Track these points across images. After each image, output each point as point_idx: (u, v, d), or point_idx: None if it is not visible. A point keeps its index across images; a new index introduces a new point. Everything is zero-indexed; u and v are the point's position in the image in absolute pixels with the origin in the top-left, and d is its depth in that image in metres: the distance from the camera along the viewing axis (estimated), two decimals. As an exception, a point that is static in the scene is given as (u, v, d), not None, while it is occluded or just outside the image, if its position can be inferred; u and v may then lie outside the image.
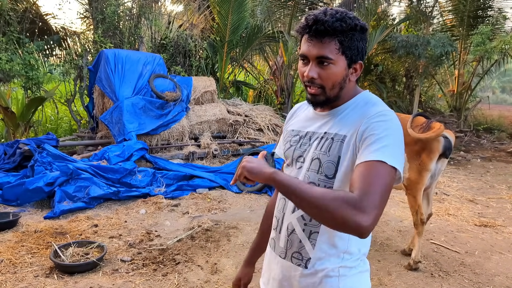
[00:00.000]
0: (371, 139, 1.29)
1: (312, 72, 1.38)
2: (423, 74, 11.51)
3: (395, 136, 1.30)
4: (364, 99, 1.45)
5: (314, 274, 1.46)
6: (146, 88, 8.44)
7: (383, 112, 1.35)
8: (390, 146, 1.27)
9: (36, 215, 5.29)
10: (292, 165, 1.58)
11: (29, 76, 8.86)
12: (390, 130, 1.30)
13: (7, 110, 8.37)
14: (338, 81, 1.39)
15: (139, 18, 10.85)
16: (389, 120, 1.33)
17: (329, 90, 1.40)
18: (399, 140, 1.31)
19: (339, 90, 1.42)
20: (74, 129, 10.69)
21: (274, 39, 11.95)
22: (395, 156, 1.26)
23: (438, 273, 3.94)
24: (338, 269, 1.43)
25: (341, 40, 1.35)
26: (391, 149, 1.27)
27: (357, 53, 1.39)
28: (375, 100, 1.44)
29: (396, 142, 1.30)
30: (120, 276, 3.70)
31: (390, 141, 1.28)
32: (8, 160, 6.72)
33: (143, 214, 5.40)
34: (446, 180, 7.79)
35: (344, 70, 1.39)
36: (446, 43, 10.03)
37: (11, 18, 8.96)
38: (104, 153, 6.77)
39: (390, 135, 1.29)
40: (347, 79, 1.41)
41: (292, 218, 1.51)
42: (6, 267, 3.78)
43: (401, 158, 1.28)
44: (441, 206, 6.09)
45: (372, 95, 1.48)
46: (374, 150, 1.26)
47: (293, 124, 1.65)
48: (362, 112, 1.39)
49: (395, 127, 1.32)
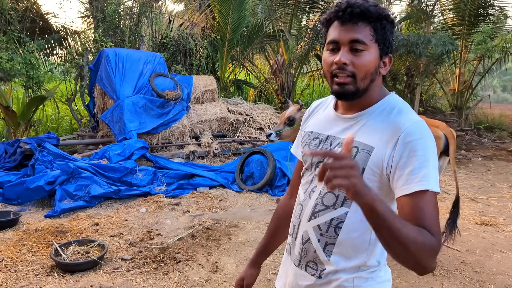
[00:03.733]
0: (415, 162, 1.20)
1: (344, 57, 1.26)
2: (424, 73, 11.49)
3: (434, 155, 1.23)
4: (392, 103, 1.34)
5: (327, 284, 1.39)
6: (146, 87, 8.44)
7: (419, 126, 1.25)
8: (433, 170, 1.20)
9: (37, 214, 5.29)
10: (311, 170, 1.48)
11: (30, 75, 8.87)
12: (430, 150, 1.22)
13: (8, 109, 8.37)
14: (371, 71, 1.29)
15: (140, 17, 10.85)
16: (427, 137, 1.23)
17: (360, 80, 1.28)
18: (435, 157, 1.23)
19: (370, 82, 1.31)
20: (75, 128, 10.70)
21: (274, 38, 11.94)
22: (436, 180, 1.20)
23: (439, 271, 3.93)
24: (353, 279, 1.36)
25: (375, 27, 1.27)
26: (433, 173, 1.19)
27: (389, 45, 1.31)
28: (402, 106, 1.34)
29: (435, 161, 1.22)
30: (120, 275, 3.70)
31: (431, 163, 1.20)
32: (9, 159, 6.73)
33: (143, 213, 5.40)
34: (447, 178, 7.78)
35: (377, 59, 1.29)
36: (447, 41, 10.01)
37: (12, 17, 8.97)
38: (105, 152, 6.77)
39: (431, 157, 1.21)
40: (378, 71, 1.32)
41: (308, 226, 1.42)
42: (7, 266, 3.78)
43: (435, 173, 1.21)
44: (442, 205, 6.08)
45: (399, 98, 1.38)
46: (422, 178, 1.18)
47: (312, 124, 1.53)
48: (393, 122, 1.28)
49: (432, 143, 1.24)
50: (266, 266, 3.93)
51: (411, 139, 1.21)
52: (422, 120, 1.28)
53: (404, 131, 1.23)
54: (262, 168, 6.72)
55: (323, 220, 1.37)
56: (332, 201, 1.36)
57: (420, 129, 1.24)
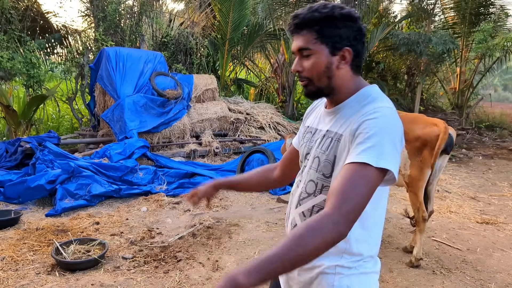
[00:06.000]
0: (360, 139, 1.26)
1: (296, 66, 1.42)
2: (425, 72, 11.49)
3: (386, 133, 1.25)
4: (364, 94, 1.41)
5: (311, 269, 1.44)
6: (147, 86, 8.44)
7: (377, 109, 1.30)
8: (378, 146, 1.23)
9: (38, 212, 5.29)
10: (302, 162, 1.59)
11: (31, 74, 8.87)
12: (380, 127, 1.25)
13: (9, 108, 8.38)
14: (322, 70, 1.38)
15: (140, 16, 10.85)
16: (381, 117, 1.27)
17: (317, 81, 1.40)
18: (390, 137, 1.25)
19: (328, 79, 1.40)
20: (76, 127, 10.71)
21: (275, 36, 11.94)
22: (383, 156, 1.22)
23: (439, 270, 3.93)
24: (335, 267, 1.40)
25: (319, 30, 1.35)
26: (379, 149, 1.22)
27: (340, 40, 1.36)
28: (375, 95, 1.39)
29: (386, 140, 1.24)
30: (121, 273, 3.70)
31: (379, 140, 1.23)
32: (10, 158, 6.73)
33: (144, 212, 5.40)
34: (448, 177, 7.78)
35: (326, 58, 1.37)
36: (447, 40, 10.00)
37: (12, 17, 8.97)
38: (106, 151, 6.77)
39: (379, 133, 1.24)
40: (333, 67, 1.38)
41: (295, 213, 1.52)
42: (8, 265, 3.79)
43: (391, 157, 1.23)
44: (443, 204, 6.08)
45: (374, 89, 1.43)
46: (360, 151, 1.23)
47: (309, 120, 1.65)
48: (358, 110, 1.36)
49: (386, 123, 1.27)
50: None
51: (365, 119, 1.29)
52: (387, 106, 1.33)
53: (363, 113, 1.31)
54: (263, 167, 6.72)
55: (306, 207, 1.47)
56: (313, 189, 1.46)
57: (378, 111, 1.29)
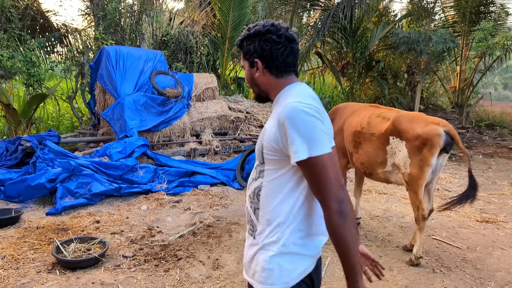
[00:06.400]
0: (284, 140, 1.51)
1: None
2: (425, 71, 11.47)
3: (288, 126, 1.48)
4: (286, 93, 1.63)
5: (255, 245, 1.66)
6: (147, 85, 8.44)
7: (288, 108, 1.50)
8: (299, 142, 1.46)
9: (38, 211, 5.30)
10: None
11: (31, 73, 8.87)
12: (295, 126, 1.47)
13: (9, 107, 8.37)
14: (248, 80, 1.74)
15: (140, 15, 10.85)
16: (292, 116, 1.48)
17: (253, 89, 1.77)
18: (294, 126, 1.47)
19: (256, 86, 1.73)
20: (76, 126, 10.71)
21: (275, 35, 11.91)
22: (304, 146, 1.45)
23: (439, 268, 3.94)
24: (270, 244, 1.60)
25: (241, 51, 1.72)
26: (296, 142, 1.46)
27: (251, 54, 1.67)
28: (288, 94, 1.62)
29: (292, 130, 1.47)
30: (122, 272, 3.71)
31: (298, 137, 1.46)
32: (10, 157, 6.73)
33: (144, 211, 5.41)
34: (448, 176, 7.78)
35: (248, 71, 1.72)
36: (448, 39, 9.99)
37: (13, 15, 8.96)
38: (106, 149, 6.77)
39: (297, 131, 1.46)
40: (254, 77, 1.70)
41: (246, 196, 1.77)
42: (8, 263, 3.79)
43: (302, 140, 1.46)
44: (443, 202, 6.07)
45: (292, 87, 1.65)
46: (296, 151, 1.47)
47: None
48: (276, 108, 1.61)
49: (287, 117, 1.49)
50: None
51: (282, 121, 1.50)
52: (294, 101, 1.52)
53: (279, 114, 1.53)
54: (263, 165, 6.72)
55: (251, 190, 1.71)
56: (255, 175, 1.71)
57: (288, 111, 1.50)
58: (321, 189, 1.45)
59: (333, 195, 1.43)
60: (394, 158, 4.09)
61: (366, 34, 11.90)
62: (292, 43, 1.67)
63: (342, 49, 12.94)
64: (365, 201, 6.01)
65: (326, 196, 1.44)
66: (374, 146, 4.26)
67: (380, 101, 11.63)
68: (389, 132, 4.11)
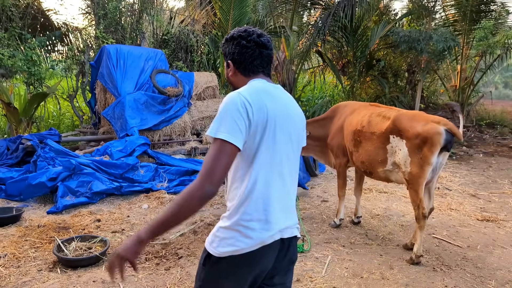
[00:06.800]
0: None
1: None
2: (425, 69, 11.46)
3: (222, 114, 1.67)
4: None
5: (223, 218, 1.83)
6: (148, 84, 8.44)
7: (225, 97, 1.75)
8: (214, 123, 1.67)
9: (39, 210, 5.31)
10: None
11: (31, 72, 8.87)
12: (221, 107, 1.70)
13: (10, 106, 8.38)
14: (226, 77, 1.98)
15: (141, 13, 10.85)
16: (224, 100, 1.72)
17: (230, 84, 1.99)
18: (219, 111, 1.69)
19: (231, 83, 1.98)
20: (77, 124, 10.71)
21: (276, 34, 11.92)
22: (212, 126, 1.67)
23: (440, 267, 3.95)
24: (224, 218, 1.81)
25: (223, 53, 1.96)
26: (214, 125, 1.66)
27: (226, 56, 1.93)
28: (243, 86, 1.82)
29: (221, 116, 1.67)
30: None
31: (216, 119, 1.68)
32: (11, 156, 6.74)
33: (145, 209, 5.42)
34: (448, 175, 7.79)
35: (226, 69, 1.97)
36: (448, 38, 9.98)
37: (13, 14, 8.97)
38: (107, 148, 6.78)
39: (219, 112, 1.69)
40: (229, 76, 1.95)
41: None
42: (10, 261, 3.80)
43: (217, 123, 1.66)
44: (443, 201, 6.09)
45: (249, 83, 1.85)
46: (210, 127, 1.69)
47: None
48: None
49: (223, 103, 1.71)
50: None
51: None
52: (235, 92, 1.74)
53: None
54: (264, 164, 6.72)
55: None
56: None
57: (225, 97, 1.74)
58: (205, 166, 1.60)
59: (208, 176, 1.58)
60: (394, 156, 4.09)
61: (367, 33, 11.90)
62: (261, 48, 1.87)
63: (343, 48, 12.93)
64: (365, 200, 6.02)
65: (203, 173, 1.59)
66: (374, 145, 4.26)
67: (381, 100, 11.63)
68: (389, 131, 4.11)
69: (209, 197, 1.60)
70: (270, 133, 1.73)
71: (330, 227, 4.91)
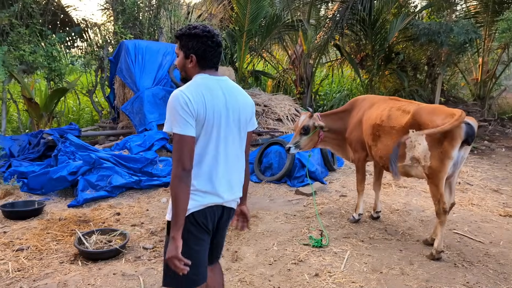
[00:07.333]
0: None
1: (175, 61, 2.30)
2: (446, 62, 11.25)
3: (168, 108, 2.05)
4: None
5: None
6: (166, 79, 8.48)
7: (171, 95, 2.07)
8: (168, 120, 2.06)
9: (60, 203, 5.40)
10: None
11: (52, 67, 9.00)
12: (168, 106, 2.06)
13: (31, 101, 8.53)
14: (181, 65, 2.22)
15: (159, 9, 10.88)
16: (169, 100, 2.06)
17: (181, 72, 2.25)
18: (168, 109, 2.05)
19: (184, 72, 2.23)
20: (96, 119, 10.85)
21: (293, 28, 11.84)
22: (166, 124, 2.08)
23: (461, 263, 3.88)
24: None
25: (179, 42, 2.20)
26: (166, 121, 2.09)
27: (188, 49, 2.16)
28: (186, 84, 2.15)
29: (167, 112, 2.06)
30: (142, 263, 3.76)
31: (168, 114, 2.06)
32: (33, 150, 6.87)
33: (164, 203, 5.46)
34: (470, 169, 7.64)
35: (183, 60, 2.20)
36: (470, 30, 9.76)
37: (34, 11, 9.09)
38: (126, 143, 6.85)
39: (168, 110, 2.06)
40: (186, 65, 2.20)
41: None
42: (32, 253, 3.88)
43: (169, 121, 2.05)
44: (464, 196, 5.98)
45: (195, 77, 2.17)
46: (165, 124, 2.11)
47: None
48: None
49: (169, 102, 2.05)
50: (285, 256, 3.94)
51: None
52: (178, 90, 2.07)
53: None
54: (281, 159, 6.70)
55: None
56: None
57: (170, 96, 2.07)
58: (174, 156, 2.01)
59: (179, 163, 1.99)
60: (413, 151, 4.03)
61: (386, 26, 11.72)
62: (219, 48, 2.19)
63: (361, 41, 12.78)
64: (384, 194, 5.95)
65: (175, 162, 2.00)
66: (393, 140, 4.20)
67: (400, 94, 11.46)
68: (409, 125, 4.05)
69: (186, 176, 2.01)
70: (215, 121, 2.10)
71: (349, 222, 4.87)
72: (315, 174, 6.50)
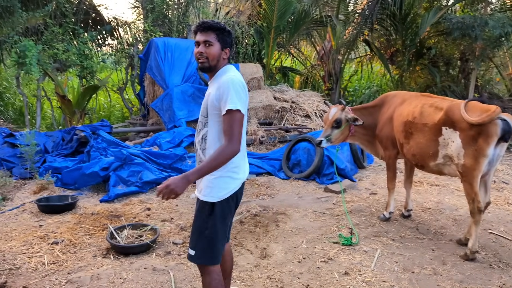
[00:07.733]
0: (223, 97, 2.26)
1: (200, 49, 2.37)
2: (480, 57, 10.90)
3: (230, 88, 2.24)
4: (224, 70, 2.42)
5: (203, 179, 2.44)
6: (194, 76, 8.55)
7: (226, 79, 2.29)
8: (230, 97, 2.22)
9: (93, 198, 5.52)
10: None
11: (84, 65, 9.22)
12: (228, 86, 2.24)
13: (64, 98, 8.76)
14: (216, 56, 2.38)
15: (187, 6, 10.98)
16: (228, 81, 2.27)
17: (211, 61, 2.38)
18: (233, 89, 2.24)
19: (217, 62, 2.39)
20: (126, 116, 11.05)
21: (321, 23, 11.73)
22: (233, 101, 2.22)
23: (497, 264, 3.76)
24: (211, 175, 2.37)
25: (217, 33, 2.36)
26: (231, 98, 2.22)
27: (225, 43, 2.40)
28: (227, 70, 2.40)
29: (232, 91, 2.23)
30: (172, 258, 3.80)
31: (229, 94, 2.23)
32: (66, 146, 7.05)
33: (193, 198, 5.50)
34: (506, 168, 7.40)
35: (219, 50, 2.39)
36: (506, 23, 9.42)
37: (67, 10, 9.32)
38: (156, 139, 6.94)
39: (229, 93, 2.23)
40: (221, 57, 2.40)
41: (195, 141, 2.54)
42: (66, 247, 3.98)
43: (236, 99, 2.22)
44: (500, 195, 5.80)
45: (229, 67, 2.43)
46: (224, 103, 2.25)
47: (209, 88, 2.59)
48: (219, 79, 2.36)
49: (230, 82, 2.26)
50: (315, 254, 3.91)
51: (227, 85, 2.27)
52: (234, 75, 2.33)
53: (223, 82, 2.31)
54: (309, 156, 6.65)
55: (200, 137, 2.47)
56: (201, 126, 2.45)
57: (231, 79, 2.29)
58: (233, 132, 2.22)
59: (238, 141, 2.24)
60: (446, 149, 3.92)
61: (417, 20, 11.45)
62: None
63: (391, 36, 12.52)
64: (416, 192, 5.83)
65: (235, 137, 2.22)
66: (426, 137, 4.10)
67: (431, 90, 11.19)
68: (442, 123, 3.94)
69: (236, 155, 2.25)
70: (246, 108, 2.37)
71: (379, 220, 4.79)
72: (344, 172, 6.43)
